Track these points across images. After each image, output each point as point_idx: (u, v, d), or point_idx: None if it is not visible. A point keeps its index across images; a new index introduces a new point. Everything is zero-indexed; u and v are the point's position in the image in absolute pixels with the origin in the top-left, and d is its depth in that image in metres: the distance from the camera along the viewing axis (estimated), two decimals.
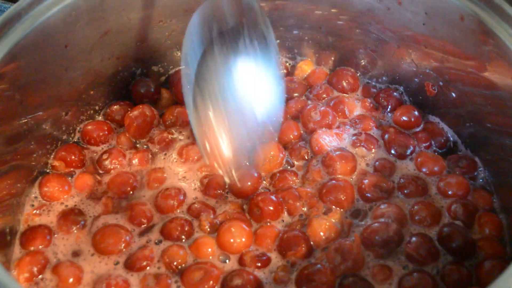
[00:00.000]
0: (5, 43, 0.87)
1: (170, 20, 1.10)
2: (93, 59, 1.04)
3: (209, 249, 0.92)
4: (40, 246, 0.93)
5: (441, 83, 1.08)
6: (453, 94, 1.07)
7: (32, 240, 0.93)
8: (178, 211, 0.99)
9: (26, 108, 0.94)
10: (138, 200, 1.00)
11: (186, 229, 0.95)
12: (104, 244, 0.92)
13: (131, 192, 1.01)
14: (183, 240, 0.94)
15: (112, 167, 1.04)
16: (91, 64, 1.05)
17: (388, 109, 1.15)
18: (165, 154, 1.07)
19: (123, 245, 0.93)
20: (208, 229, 0.95)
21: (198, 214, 0.97)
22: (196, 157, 1.05)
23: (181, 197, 0.99)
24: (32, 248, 0.93)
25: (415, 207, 0.98)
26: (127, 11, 1.03)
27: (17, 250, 0.93)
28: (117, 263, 0.91)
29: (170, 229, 0.95)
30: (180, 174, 1.04)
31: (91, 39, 1.01)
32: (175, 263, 0.90)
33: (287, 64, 1.24)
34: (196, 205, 0.98)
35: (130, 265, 0.91)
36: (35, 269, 0.89)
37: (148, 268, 0.91)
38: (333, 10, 1.12)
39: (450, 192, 1.00)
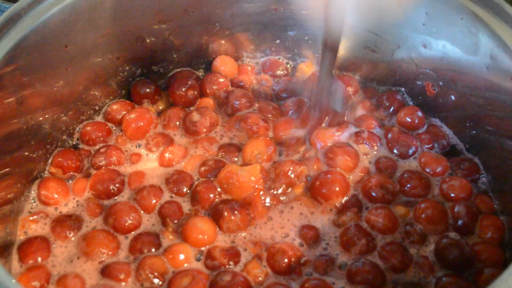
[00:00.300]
0: (5, 43, 0.86)
1: (170, 20, 1.10)
2: (93, 59, 1.04)
3: (183, 256, 0.91)
4: (39, 259, 0.91)
5: (441, 83, 1.08)
6: (453, 95, 1.07)
7: (30, 254, 0.91)
8: (158, 205, 0.98)
9: (26, 108, 0.93)
10: (121, 206, 0.97)
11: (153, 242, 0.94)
12: (89, 249, 0.91)
13: (114, 189, 1.00)
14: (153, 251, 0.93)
15: (103, 164, 1.04)
16: (91, 64, 1.05)
17: (391, 110, 1.15)
18: (148, 154, 1.07)
19: (109, 253, 0.92)
20: (171, 237, 0.95)
21: (165, 216, 0.97)
22: (178, 159, 1.05)
23: (157, 197, 0.99)
24: (31, 262, 0.90)
25: (422, 205, 0.97)
26: (127, 11, 1.03)
27: (16, 264, 0.91)
28: (100, 270, 0.90)
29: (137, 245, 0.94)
30: (161, 174, 1.04)
31: (91, 39, 1.01)
32: (156, 274, 0.89)
33: (288, 65, 1.24)
34: (166, 205, 0.98)
35: (108, 274, 0.89)
36: (38, 284, 0.87)
37: (123, 283, 0.89)
38: None
39: (453, 195, 1.00)
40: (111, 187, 1.00)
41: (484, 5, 0.91)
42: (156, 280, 0.89)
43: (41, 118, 0.99)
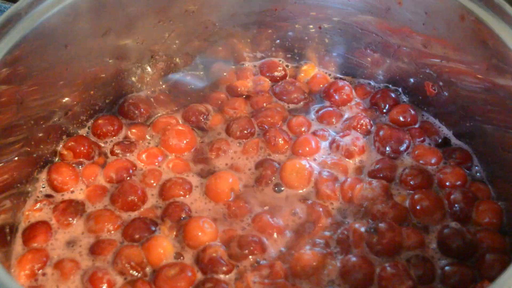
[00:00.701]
0: (5, 43, 0.87)
1: (169, 20, 1.10)
2: (93, 59, 1.04)
3: (161, 250, 0.92)
4: (42, 243, 0.94)
5: (441, 83, 1.08)
6: (453, 94, 1.07)
7: (33, 237, 0.94)
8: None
9: (26, 108, 0.93)
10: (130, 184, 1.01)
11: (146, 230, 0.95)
12: (98, 226, 0.95)
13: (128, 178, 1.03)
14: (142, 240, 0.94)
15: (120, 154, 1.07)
16: (91, 64, 1.05)
17: (386, 109, 1.15)
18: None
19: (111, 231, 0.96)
20: (167, 234, 0.95)
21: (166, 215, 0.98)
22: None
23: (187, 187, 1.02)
24: (35, 245, 0.94)
25: (416, 196, 0.98)
26: (127, 11, 1.03)
27: (19, 248, 0.94)
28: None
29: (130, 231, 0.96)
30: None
31: (91, 39, 1.01)
32: (132, 264, 0.90)
33: (287, 66, 1.24)
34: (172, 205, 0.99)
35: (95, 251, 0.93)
36: (36, 266, 0.90)
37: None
38: (333, 11, 1.12)
39: (448, 183, 1.01)
40: (124, 175, 1.03)
41: (484, 5, 0.91)
42: (133, 272, 0.89)
43: (41, 118, 0.99)
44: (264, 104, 1.16)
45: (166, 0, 1.06)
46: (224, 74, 1.21)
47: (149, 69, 1.17)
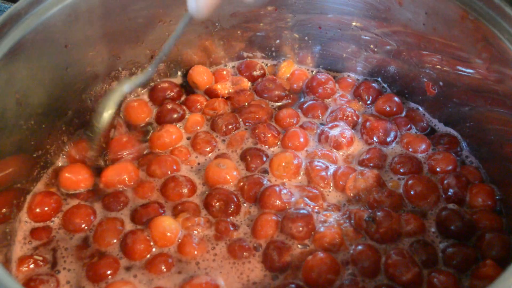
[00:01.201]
0: (5, 43, 0.87)
1: (169, 20, 1.10)
2: (93, 59, 1.04)
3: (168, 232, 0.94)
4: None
5: (441, 83, 1.08)
6: (453, 94, 1.07)
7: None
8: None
9: (26, 108, 0.93)
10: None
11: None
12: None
13: None
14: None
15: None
16: (91, 64, 1.05)
17: (370, 100, 1.16)
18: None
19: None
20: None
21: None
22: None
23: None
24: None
25: (409, 181, 1.00)
26: (127, 11, 1.03)
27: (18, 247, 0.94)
28: None
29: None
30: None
31: (91, 39, 1.01)
32: None
33: (265, 65, 1.24)
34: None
35: None
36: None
37: None
38: (332, 10, 1.13)
39: (439, 169, 1.03)
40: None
41: (484, 5, 0.92)
42: None
43: (41, 118, 0.99)
44: (246, 102, 1.16)
45: (165, 0, 1.06)
46: (205, 77, 1.19)
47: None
